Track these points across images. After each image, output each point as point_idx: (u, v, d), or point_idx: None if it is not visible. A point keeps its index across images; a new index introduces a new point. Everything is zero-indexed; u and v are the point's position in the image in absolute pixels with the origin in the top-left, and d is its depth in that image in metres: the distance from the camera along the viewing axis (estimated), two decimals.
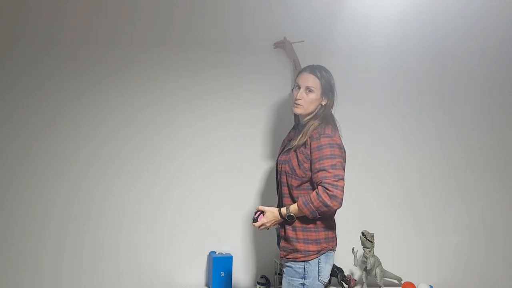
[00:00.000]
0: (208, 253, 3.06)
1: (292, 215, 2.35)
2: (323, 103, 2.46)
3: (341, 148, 2.35)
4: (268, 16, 3.12)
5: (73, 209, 2.92)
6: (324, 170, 2.26)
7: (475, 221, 3.35)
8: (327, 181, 2.24)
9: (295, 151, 2.41)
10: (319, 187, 2.26)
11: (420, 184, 3.31)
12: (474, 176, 3.36)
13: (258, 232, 3.11)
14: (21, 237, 2.86)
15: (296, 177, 2.38)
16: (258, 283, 2.98)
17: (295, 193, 2.40)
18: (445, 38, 3.32)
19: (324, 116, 2.45)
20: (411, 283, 3.11)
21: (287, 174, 2.42)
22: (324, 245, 2.36)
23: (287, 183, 2.43)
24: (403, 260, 3.25)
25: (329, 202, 2.23)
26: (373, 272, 3.00)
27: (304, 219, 2.36)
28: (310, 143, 2.34)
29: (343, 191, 2.25)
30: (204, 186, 3.07)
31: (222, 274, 2.94)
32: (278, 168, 2.52)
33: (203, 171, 3.07)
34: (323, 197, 2.24)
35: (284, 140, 2.68)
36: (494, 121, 3.39)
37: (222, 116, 3.10)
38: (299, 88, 2.46)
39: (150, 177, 3.01)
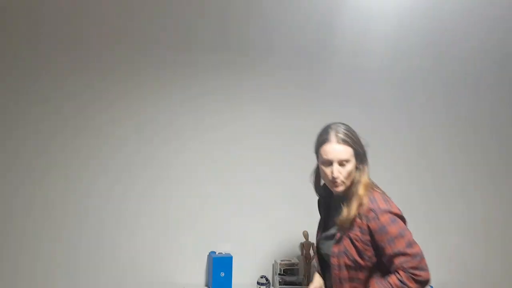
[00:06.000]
0: (208, 253, 3.05)
1: None
2: (358, 166, 2.13)
3: (401, 215, 2.05)
4: (269, 16, 3.12)
5: (72, 209, 2.91)
6: (401, 254, 1.95)
7: (475, 221, 3.34)
8: (410, 265, 1.93)
9: (349, 237, 2.03)
10: (402, 273, 1.93)
11: (420, 184, 3.31)
12: (474, 176, 3.36)
13: (258, 232, 3.12)
14: (19, 236, 2.86)
15: (363, 270, 2.02)
16: (258, 283, 2.98)
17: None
18: (446, 38, 3.32)
19: (365, 182, 2.11)
20: None
21: (349, 268, 2.04)
22: None
23: (352, 277, 2.03)
24: None
25: None
26: None
27: None
28: (368, 226, 2.00)
29: (428, 269, 1.97)
30: (204, 186, 3.06)
31: (222, 274, 2.94)
32: (331, 261, 2.09)
33: (204, 172, 3.07)
34: (410, 285, 1.91)
35: (320, 212, 2.34)
36: (494, 121, 3.39)
37: (223, 117, 3.09)
38: (331, 163, 2.07)
39: (150, 177, 3.01)
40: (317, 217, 3.15)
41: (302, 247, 3.08)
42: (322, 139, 2.13)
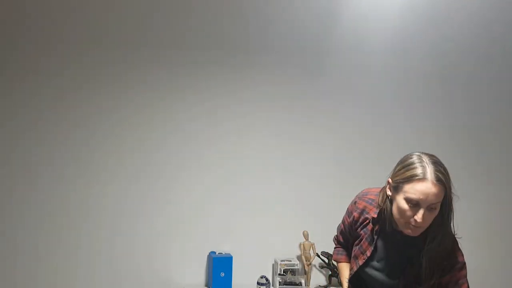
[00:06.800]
0: (208, 253, 3.05)
1: None
2: (445, 210, 1.76)
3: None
4: (269, 15, 3.13)
5: (71, 209, 2.91)
6: None
7: (475, 221, 3.34)
8: None
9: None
10: None
11: None
12: (473, 176, 3.35)
13: (258, 232, 3.12)
14: (18, 237, 2.85)
15: None
16: (258, 283, 2.98)
17: None
18: (447, 38, 3.32)
19: (454, 237, 1.83)
20: None
21: None
22: None
23: None
24: None
25: None
26: None
27: None
28: (441, 275, 1.80)
29: None
30: (204, 186, 3.06)
31: (222, 274, 2.94)
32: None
33: (204, 172, 3.07)
34: None
35: (364, 244, 1.94)
36: (494, 121, 3.39)
37: (223, 119, 3.09)
38: (418, 205, 1.69)
39: (150, 177, 3.00)
40: (317, 217, 3.16)
41: (302, 247, 3.08)
42: (413, 173, 1.71)
